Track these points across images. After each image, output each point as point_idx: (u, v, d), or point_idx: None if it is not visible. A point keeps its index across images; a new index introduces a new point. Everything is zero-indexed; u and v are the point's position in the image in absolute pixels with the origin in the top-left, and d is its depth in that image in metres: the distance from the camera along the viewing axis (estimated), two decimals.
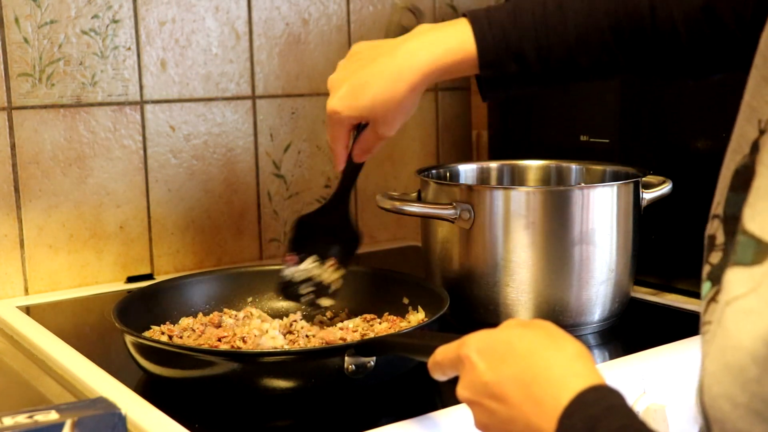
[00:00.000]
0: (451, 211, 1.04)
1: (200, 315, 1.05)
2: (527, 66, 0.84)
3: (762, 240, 0.53)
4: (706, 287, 0.60)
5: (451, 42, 0.83)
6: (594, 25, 0.83)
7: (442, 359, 0.69)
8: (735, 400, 0.50)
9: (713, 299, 0.59)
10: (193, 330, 1.00)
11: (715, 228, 0.62)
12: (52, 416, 0.63)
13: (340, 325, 1.02)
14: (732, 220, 0.60)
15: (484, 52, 0.82)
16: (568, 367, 0.59)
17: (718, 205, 0.62)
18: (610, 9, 0.83)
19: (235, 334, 0.96)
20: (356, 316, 1.05)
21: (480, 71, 0.84)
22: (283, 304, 1.09)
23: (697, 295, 1.16)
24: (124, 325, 0.89)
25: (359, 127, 0.91)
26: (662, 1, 0.82)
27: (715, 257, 0.60)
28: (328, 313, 1.07)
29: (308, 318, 1.06)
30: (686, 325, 1.05)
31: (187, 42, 1.35)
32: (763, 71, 0.59)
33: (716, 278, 0.59)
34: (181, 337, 0.98)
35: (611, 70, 0.86)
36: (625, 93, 1.25)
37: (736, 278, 0.53)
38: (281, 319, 1.04)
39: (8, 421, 0.62)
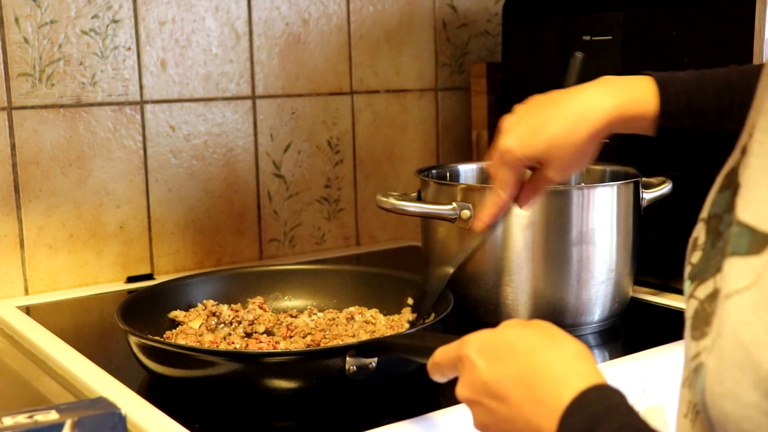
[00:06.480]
0: (451, 211, 1.04)
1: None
2: (705, 125, 0.81)
3: (756, 229, 0.52)
4: (686, 285, 0.60)
5: (636, 92, 0.81)
6: None
7: (441, 360, 0.69)
8: (742, 399, 0.49)
9: (692, 295, 0.59)
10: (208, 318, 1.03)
11: (698, 231, 0.62)
12: (52, 416, 0.63)
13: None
14: (714, 219, 0.60)
15: (666, 103, 0.80)
16: (568, 367, 0.59)
17: (704, 209, 0.62)
18: None
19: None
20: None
21: (658, 120, 0.82)
22: (287, 304, 1.10)
23: None
24: (127, 326, 0.89)
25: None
26: None
27: (696, 257, 0.61)
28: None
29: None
30: None
31: (187, 42, 1.35)
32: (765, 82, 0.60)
33: (695, 276, 0.59)
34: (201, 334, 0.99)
35: None
36: None
37: (734, 269, 0.53)
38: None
39: (8, 421, 0.62)
